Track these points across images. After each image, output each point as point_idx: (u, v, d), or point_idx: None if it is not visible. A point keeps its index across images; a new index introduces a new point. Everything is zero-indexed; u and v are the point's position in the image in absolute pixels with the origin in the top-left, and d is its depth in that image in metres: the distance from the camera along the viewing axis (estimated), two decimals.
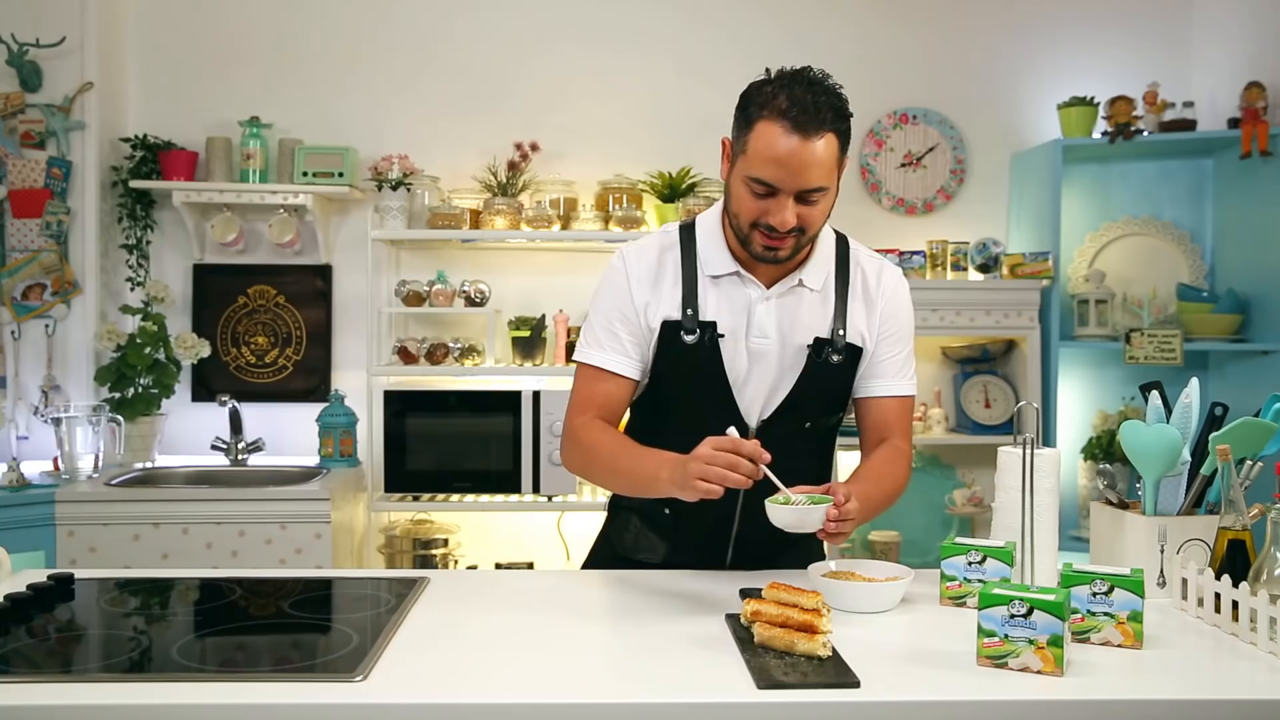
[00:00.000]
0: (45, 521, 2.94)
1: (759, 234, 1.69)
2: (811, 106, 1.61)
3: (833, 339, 1.78)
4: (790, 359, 1.78)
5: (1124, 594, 1.43)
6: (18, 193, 3.42)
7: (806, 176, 1.63)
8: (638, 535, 1.90)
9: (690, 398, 1.79)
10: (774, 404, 1.79)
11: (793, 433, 1.80)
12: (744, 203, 1.68)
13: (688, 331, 1.75)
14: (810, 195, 1.65)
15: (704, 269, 1.78)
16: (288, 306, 3.73)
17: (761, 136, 1.63)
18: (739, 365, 1.77)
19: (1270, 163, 3.39)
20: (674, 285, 1.77)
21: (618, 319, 1.78)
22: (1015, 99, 3.85)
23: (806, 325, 1.78)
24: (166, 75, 3.70)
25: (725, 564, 1.86)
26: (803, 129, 1.60)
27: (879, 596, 1.58)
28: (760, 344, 1.77)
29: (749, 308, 1.77)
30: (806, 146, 1.61)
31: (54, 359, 3.47)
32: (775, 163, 1.62)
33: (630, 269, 1.79)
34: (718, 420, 1.70)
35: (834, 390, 1.84)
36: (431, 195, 3.58)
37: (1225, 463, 1.56)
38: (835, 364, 1.79)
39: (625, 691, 1.24)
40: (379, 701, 1.21)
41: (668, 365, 1.78)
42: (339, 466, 3.40)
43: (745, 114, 1.67)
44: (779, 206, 1.64)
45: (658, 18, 3.78)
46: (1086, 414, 3.78)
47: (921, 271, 3.58)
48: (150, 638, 1.48)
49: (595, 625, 1.52)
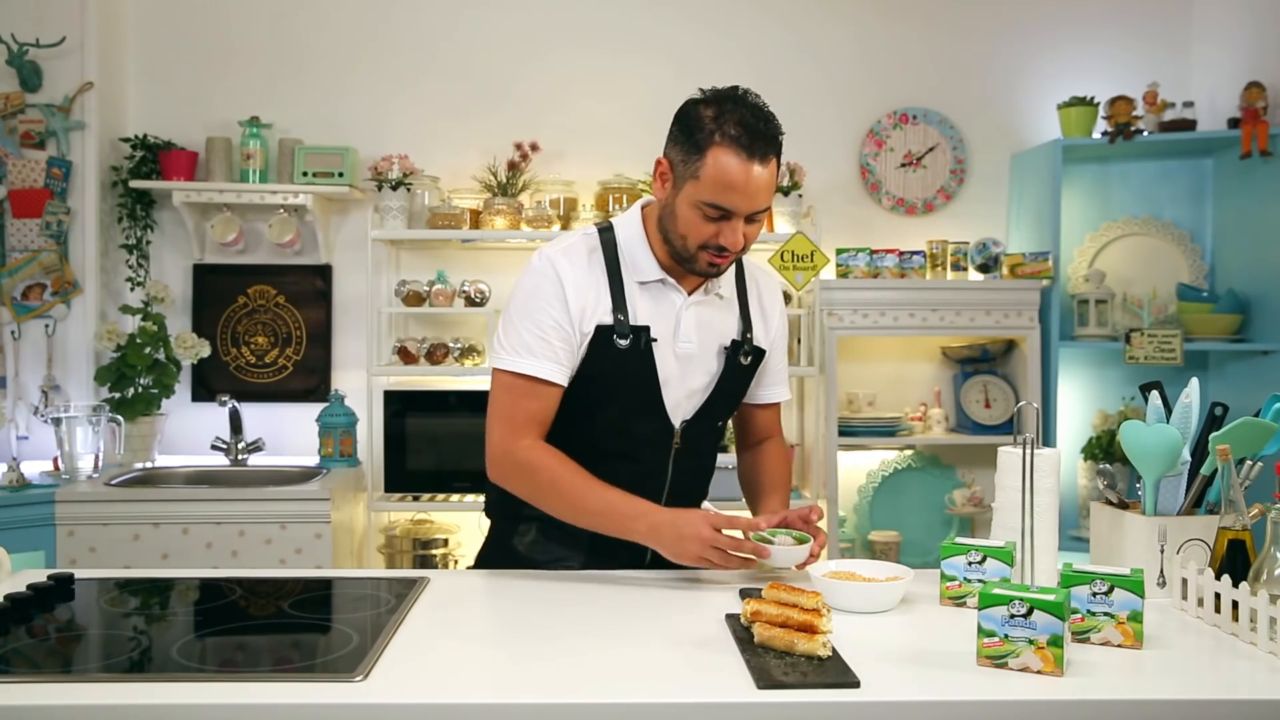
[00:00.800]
0: (45, 521, 2.94)
1: (706, 254, 1.73)
2: (762, 134, 1.67)
3: (744, 342, 1.87)
4: (709, 362, 1.84)
5: (1124, 594, 1.43)
6: (18, 193, 3.42)
7: (758, 200, 1.69)
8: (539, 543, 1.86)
9: (618, 401, 1.79)
10: (695, 405, 1.85)
11: (707, 432, 1.90)
12: (694, 226, 1.71)
13: (621, 336, 1.76)
14: (758, 215, 1.72)
15: (631, 275, 1.80)
16: (288, 306, 3.73)
17: (716, 164, 1.66)
18: (668, 368, 1.80)
19: (1270, 163, 3.39)
20: (602, 290, 1.77)
21: (549, 325, 1.75)
22: (1015, 99, 3.85)
23: (719, 330, 1.86)
24: (166, 75, 3.70)
25: (644, 562, 1.84)
26: (755, 155, 1.66)
27: (879, 597, 1.58)
28: (686, 348, 1.81)
29: (676, 313, 1.81)
30: (760, 172, 1.67)
31: (54, 359, 3.47)
32: (732, 189, 1.66)
33: (563, 273, 1.76)
34: (647, 423, 1.79)
35: (741, 391, 1.93)
36: (431, 195, 3.58)
37: (1225, 463, 1.56)
38: (745, 366, 1.88)
39: (625, 691, 1.24)
40: (379, 701, 1.21)
41: (598, 370, 1.77)
42: (339, 466, 3.40)
43: (693, 139, 1.68)
44: (731, 229, 1.70)
45: (657, 18, 3.78)
46: (1086, 414, 3.78)
47: (921, 271, 3.58)
48: (150, 638, 1.48)
49: (595, 625, 1.52)
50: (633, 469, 1.81)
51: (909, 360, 3.83)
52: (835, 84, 3.82)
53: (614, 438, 1.81)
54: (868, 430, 3.57)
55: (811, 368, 3.50)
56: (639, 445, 1.82)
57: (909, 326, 3.54)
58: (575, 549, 1.84)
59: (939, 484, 3.76)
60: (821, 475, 3.51)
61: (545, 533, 1.85)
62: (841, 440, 3.53)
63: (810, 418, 3.65)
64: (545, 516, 1.81)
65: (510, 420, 1.76)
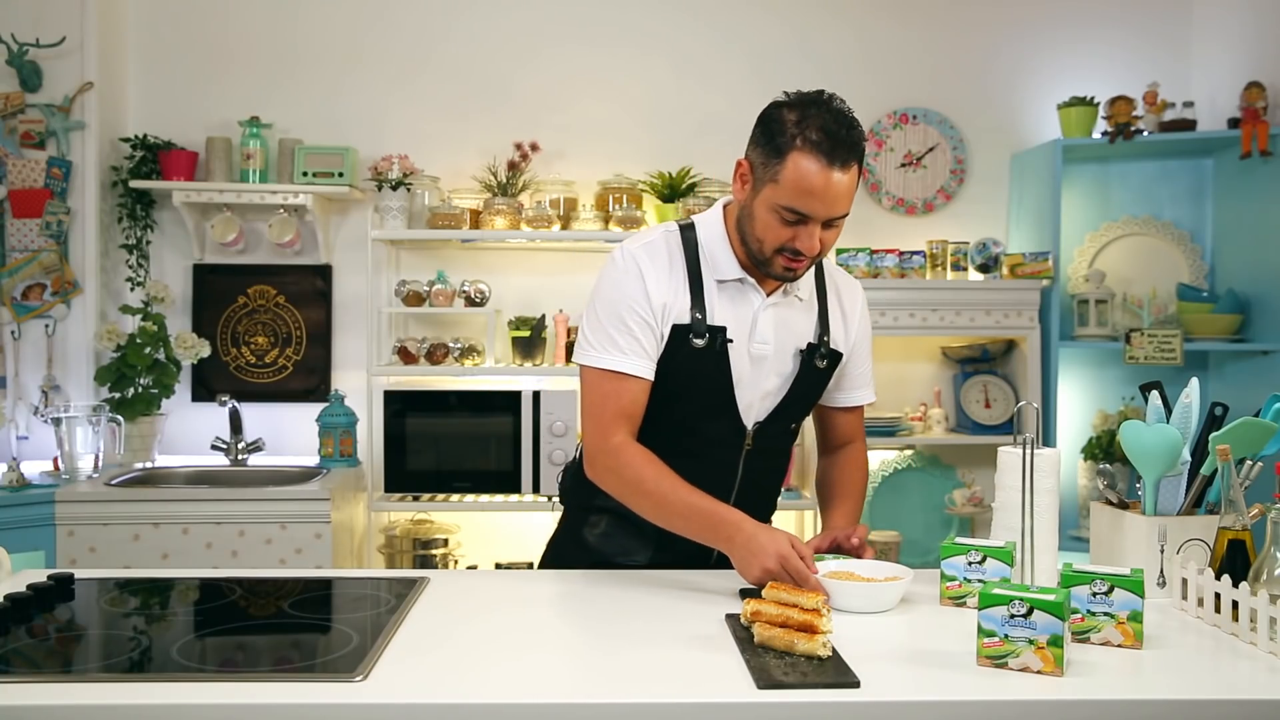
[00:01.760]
0: (45, 521, 2.94)
1: (783, 258, 1.72)
2: (844, 140, 1.65)
3: (820, 345, 1.86)
4: (784, 364, 1.83)
5: (1124, 594, 1.43)
6: (18, 193, 3.42)
7: (837, 206, 1.67)
8: (609, 536, 1.88)
9: (692, 399, 1.80)
10: (768, 407, 1.84)
11: (780, 434, 1.88)
12: (771, 230, 1.70)
13: (697, 335, 1.76)
14: (836, 221, 1.71)
15: (710, 273, 1.79)
16: (288, 306, 3.73)
17: (796, 168, 1.64)
18: (742, 369, 1.79)
19: (1270, 163, 3.39)
20: (682, 287, 1.77)
21: (634, 320, 1.75)
22: (1015, 99, 3.85)
23: (796, 332, 1.84)
24: (166, 75, 3.70)
25: (710, 561, 1.85)
26: (836, 161, 1.64)
27: (879, 597, 1.58)
28: (761, 349, 1.80)
29: (753, 314, 1.80)
30: (840, 179, 1.65)
31: (54, 359, 3.47)
32: (811, 195, 1.65)
33: (644, 269, 1.76)
34: (718, 422, 1.76)
35: (816, 394, 1.92)
36: (431, 195, 3.58)
37: (1225, 463, 1.56)
38: (821, 369, 1.87)
39: (625, 691, 1.24)
40: (379, 701, 1.21)
41: (673, 368, 1.78)
42: (339, 466, 3.40)
43: (774, 143, 1.67)
44: (808, 234, 1.68)
45: (657, 18, 3.78)
46: (1086, 414, 3.78)
47: (921, 271, 3.58)
48: (150, 638, 1.48)
49: (595, 625, 1.52)
50: (702, 467, 1.79)
51: (909, 360, 3.83)
52: (835, 84, 3.73)
53: (685, 436, 1.80)
54: (868, 430, 3.52)
55: None
56: (710, 444, 1.82)
57: (909, 326, 3.54)
58: (643, 544, 1.86)
59: (939, 484, 3.76)
60: None
61: (615, 525, 1.87)
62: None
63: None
64: (616, 508, 1.82)
65: (599, 418, 1.77)
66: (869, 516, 3.74)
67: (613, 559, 1.86)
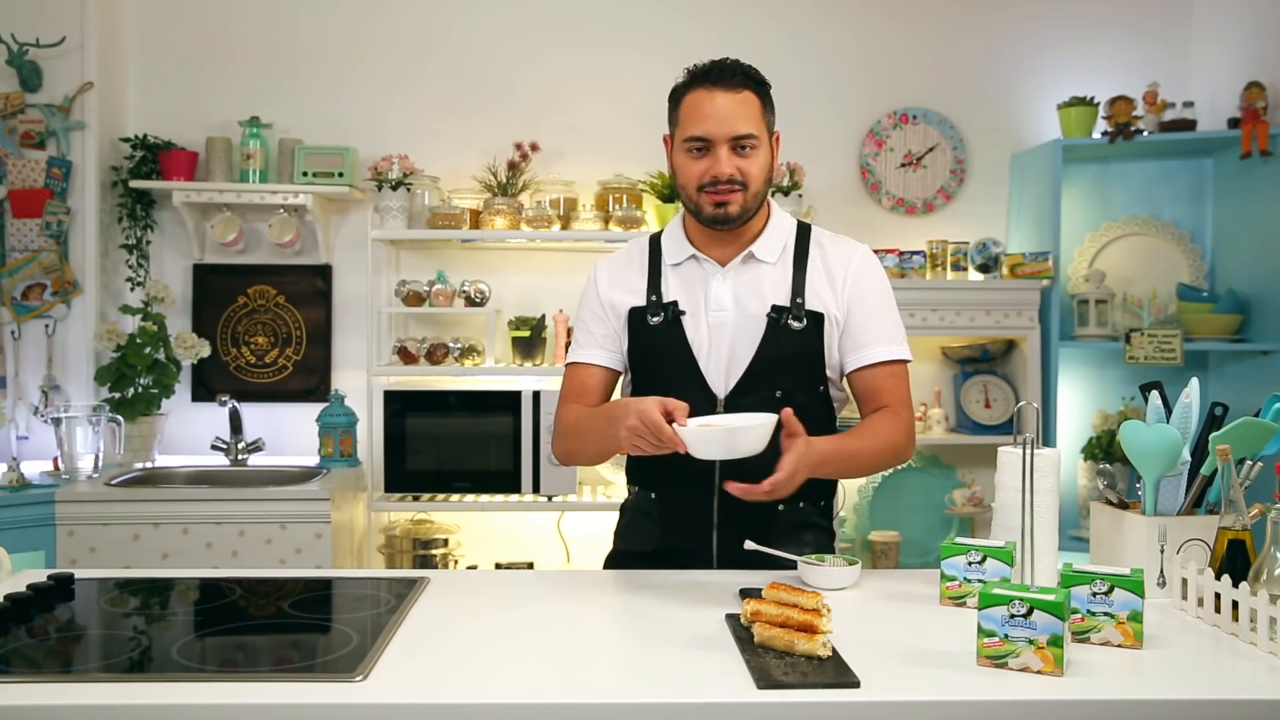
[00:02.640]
0: (45, 521, 2.94)
1: (705, 195, 1.82)
2: (727, 66, 1.82)
3: (792, 306, 1.86)
4: (749, 329, 1.86)
5: (1124, 594, 1.43)
6: (18, 193, 3.42)
7: (734, 124, 1.79)
8: (633, 528, 1.99)
9: (661, 375, 1.88)
10: (737, 374, 1.85)
11: (763, 402, 1.81)
12: (687, 169, 1.84)
13: (653, 314, 1.89)
14: (742, 144, 1.80)
15: (666, 261, 1.93)
16: (288, 306, 3.73)
17: (688, 102, 1.82)
18: (701, 338, 1.87)
19: (1270, 163, 3.39)
20: (640, 278, 1.93)
21: (590, 318, 1.96)
22: (1015, 99, 3.85)
23: (764, 296, 1.87)
24: (166, 75, 3.70)
25: (712, 543, 1.88)
26: (721, 84, 1.79)
27: (732, 442, 1.59)
28: (718, 316, 1.87)
29: (706, 284, 1.89)
30: (728, 97, 1.79)
31: (54, 359, 3.47)
32: (704, 116, 1.79)
33: (600, 273, 1.98)
34: (687, 394, 1.77)
35: (799, 358, 1.86)
36: (431, 195, 3.58)
37: (1225, 463, 1.56)
38: (796, 330, 1.85)
39: (625, 691, 1.24)
40: (379, 701, 1.21)
41: (639, 349, 1.91)
42: (339, 466, 3.40)
43: (674, 100, 1.87)
44: (716, 158, 1.80)
45: (657, 18, 3.78)
46: (1086, 414, 3.78)
47: (921, 271, 3.58)
48: (150, 638, 1.48)
49: (595, 625, 1.52)
50: None
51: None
52: (835, 84, 3.82)
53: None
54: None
55: None
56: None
57: (909, 326, 3.46)
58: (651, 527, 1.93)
59: (939, 484, 3.76)
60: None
61: (633, 516, 1.98)
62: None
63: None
64: (636, 504, 1.97)
65: (559, 401, 1.98)
66: (869, 516, 3.74)
67: (633, 547, 1.96)
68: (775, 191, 3.55)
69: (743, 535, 1.82)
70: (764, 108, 1.84)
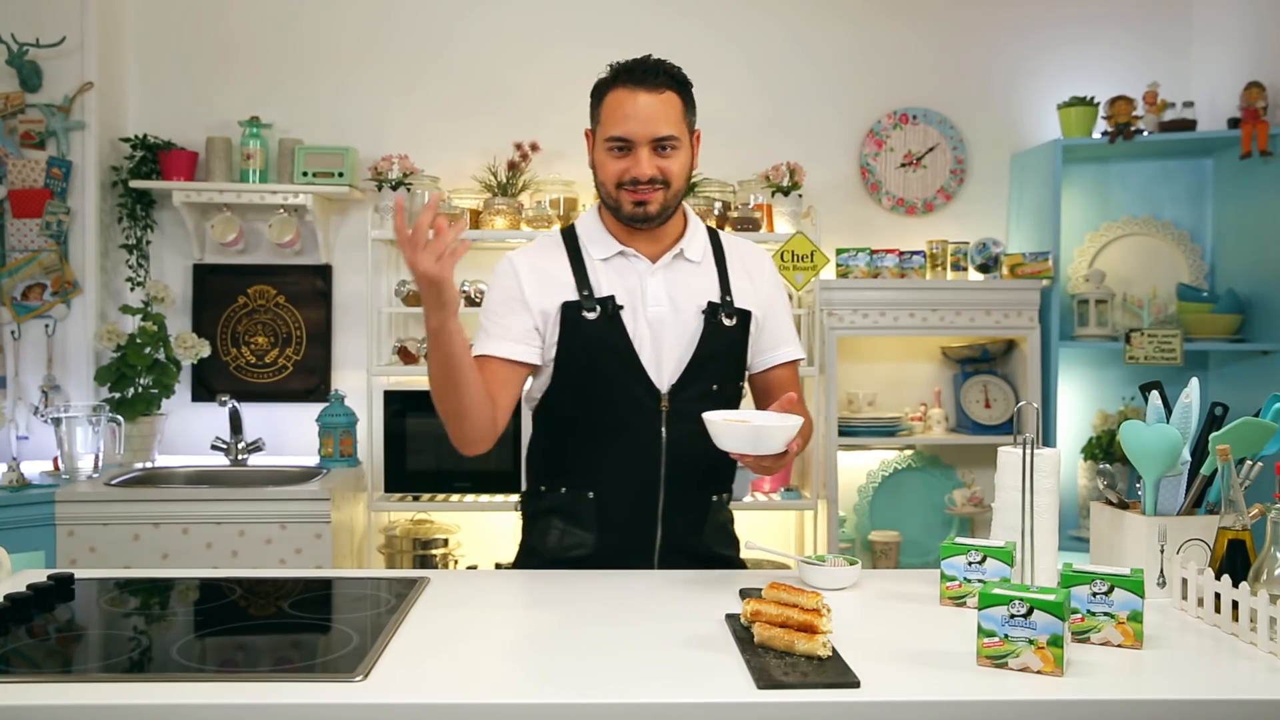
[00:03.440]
0: (45, 521, 2.94)
1: (625, 193, 1.83)
2: (650, 66, 1.83)
3: (723, 304, 1.90)
4: (686, 325, 1.87)
5: (1124, 594, 1.43)
6: (18, 193, 3.42)
7: (655, 125, 1.80)
8: (562, 535, 1.90)
9: (601, 372, 1.84)
10: (679, 369, 1.86)
11: (700, 396, 1.86)
12: (607, 167, 1.85)
13: (588, 309, 1.85)
14: (664, 144, 1.81)
15: (590, 255, 1.90)
16: (288, 306, 3.73)
17: (610, 101, 1.84)
18: (641, 334, 1.86)
19: (1270, 163, 3.39)
20: (565, 272, 1.88)
21: (505, 311, 1.87)
22: (1015, 99, 3.85)
23: (695, 293, 1.89)
24: (166, 75, 3.70)
25: (655, 540, 1.87)
26: (644, 84, 1.81)
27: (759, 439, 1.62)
28: (656, 311, 1.86)
29: (640, 280, 1.88)
30: (650, 98, 1.80)
31: (54, 359, 3.47)
32: (625, 117, 1.81)
33: (517, 264, 1.90)
34: (630, 390, 1.82)
35: (731, 353, 1.93)
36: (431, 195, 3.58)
37: (1225, 463, 1.56)
38: (729, 327, 1.90)
39: (625, 691, 1.24)
40: (379, 701, 1.21)
41: (575, 346, 1.85)
42: (339, 466, 3.40)
43: (595, 96, 1.89)
44: (637, 159, 1.81)
45: (657, 18, 3.78)
46: (1086, 414, 3.78)
47: (921, 271, 3.58)
48: (150, 638, 1.48)
49: (595, 625, 1.52)
50: (628, 439, 1.84)
51: (909, 360, 3.83)
52: (835, 84, 3.82)
53: (606, 410, 1.84)
54: (868, 430, 3.57)
55: (811, 367, 3.50)
56: (630, 412, 1.84)
57: (909, 326, 3.54)
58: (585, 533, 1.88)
59: (939, 484, 3.76)
60: (821, 475, 3.51)
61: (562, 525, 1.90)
62: (841, 440, 3.53)
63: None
64: (557, 506, 1.89)
65: None
66: (869, 516, 3.74)
67: (563, 555, 1.88)
68: (776, 191, 3.55)
69: (682, 532, 1.87)
70: (686, 108, 1.86)
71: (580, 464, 1.88)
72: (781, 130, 3.78)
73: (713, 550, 1.93)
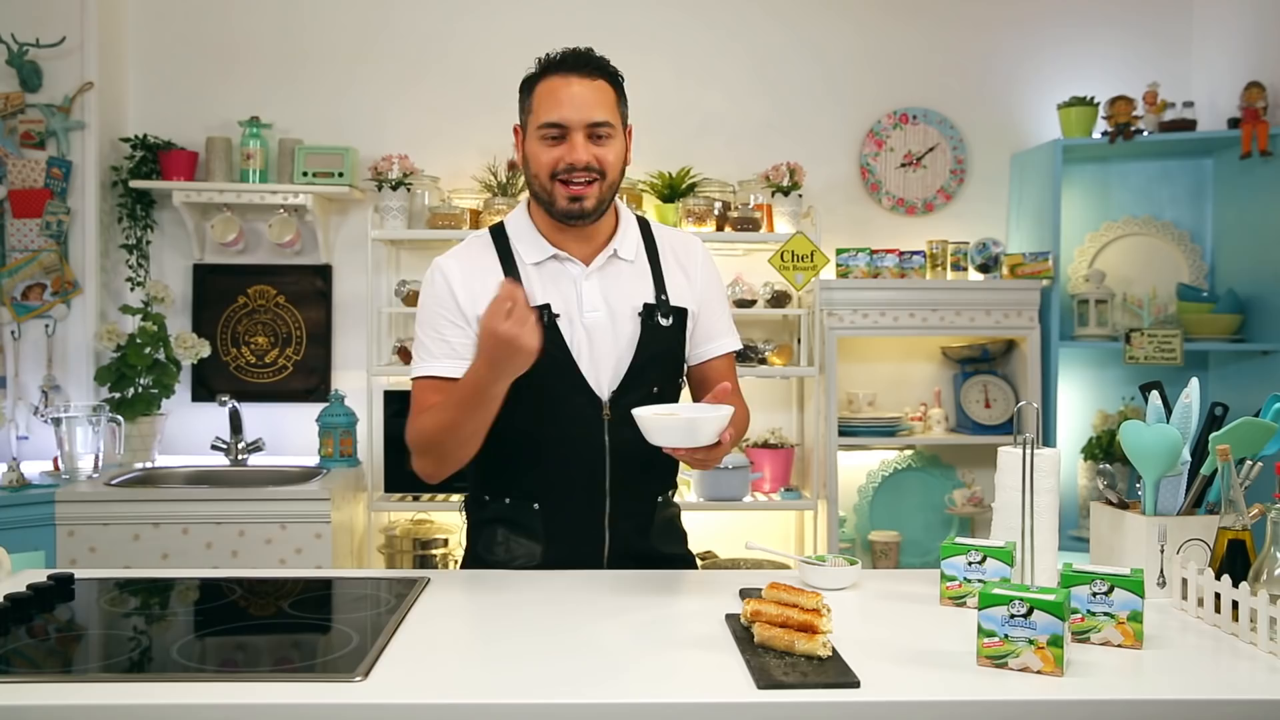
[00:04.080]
0: (45, 521, 2.94)
1: (559, 185, 1.78)
2: (581, 55, 1.81)
3: (659, 304, 1.86)
4: (623, 329, 1.84)
5: (1124, 594, 1.43)
6: (18, 193, 3.42)
7: (590, 110, 1.77)
8: (508, 543, 1.87)
9: (540, 383, 1.74)
10: (619, 374, 1.83)
11: (642, 400, 1.80)
12: (540, 157, 1.79)
13: None
14: (598, 132, 1.78)
15: (522, 259, 1.84)
16: (288, 306, 3.73)
17: (542, 89, 1.80)
18: (579, 342, 1.81)
19: (1270, 163, 3.40)
20: (496, 278, 1.78)
21: (444, 324, 1.81)
22: (1015, 99, 3.86)
23: (630, 295, 1.85)
24: (166, 75, 3.70)
25: (604, 547, 1.85)
26: (576, 70, 1.79)
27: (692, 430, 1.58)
28: (593, 317, 1.82)
29: (574, 285, 1.84)
30: (583, 84, 1.78)
31: (54, 359, 3.47)
32: (559, 103, 1.77)
33: (448, 272, 1.83)
34: (571, 400, 1.78)
35: (669, 354, 1.89)
36: (431, 195, 3.58)
37: (1225, 463, 1.56)
38: (666, 327, 1.86)
39: (625, 691, 1.24)
40: (379, 701, 1.21)
41: None
42: (339, 466, 3.40)
43: (526, 89, 1.86)
44: (571, 146, 1.77)
45: (657, 18, 3.78)
46: (1086, 414, 3.78)
47: (921, 271, 3.58)
48: (150, 638, 1.48)
49: (595, 625, 1.51)
50: (569, 449, 1.81)
51: (909, 360, 3.83)
52: (835, 84, 3.82)
53: (546, 421, 1.80)
54: (868, 430, 3.57)
55: (811, 368, 3.50)
56: (571, 422, 1.80)
57: (909, 326, 3.54)
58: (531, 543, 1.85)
59: (939, 484, 3.76)
60: (821, 475, 3.51)
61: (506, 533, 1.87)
62: (841, 440, 3.53)
63: (810, 418, 3.65)
64: (501, 515, 1.86)
65: (410, 420, 1.82)
66: (869, 516, 3.74)
67: (510, 564, 1.86)
68: (776, 191, 3.55)
69: (630, 537, 1.85)
70: (619, 98, 1.83)
71: (523, 476, 1.84)
72: (781, 130, 3.78)
73: (660, 551, 1.89)
